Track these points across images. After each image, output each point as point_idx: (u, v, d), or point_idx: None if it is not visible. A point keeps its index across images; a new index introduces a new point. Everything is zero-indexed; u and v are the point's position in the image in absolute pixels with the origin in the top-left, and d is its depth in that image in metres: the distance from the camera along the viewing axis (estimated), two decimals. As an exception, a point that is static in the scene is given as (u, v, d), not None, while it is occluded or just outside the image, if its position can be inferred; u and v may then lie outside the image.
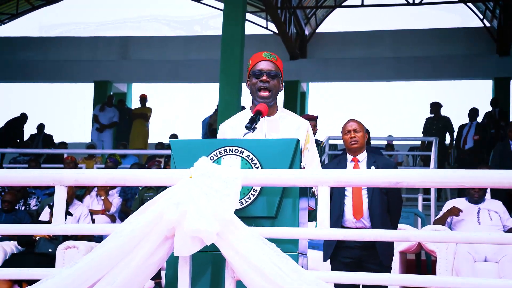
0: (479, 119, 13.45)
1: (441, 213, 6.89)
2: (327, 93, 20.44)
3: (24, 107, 22.78)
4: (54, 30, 21.24)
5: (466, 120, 13.28)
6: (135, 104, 15.76)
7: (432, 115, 13.47)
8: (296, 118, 3.79)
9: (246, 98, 12.76)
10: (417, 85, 19.36)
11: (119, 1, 22.30)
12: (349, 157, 5.01)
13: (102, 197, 8.85)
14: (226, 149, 3.25)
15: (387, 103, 21.71)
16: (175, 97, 21.99)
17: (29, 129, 15.70)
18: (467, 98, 19.85)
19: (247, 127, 3.51)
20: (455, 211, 6.68)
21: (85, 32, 20.27)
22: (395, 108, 21.99)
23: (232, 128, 3.72)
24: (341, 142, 13.08)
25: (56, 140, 15.20)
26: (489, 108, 14.10)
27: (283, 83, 3.83)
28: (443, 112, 13.59)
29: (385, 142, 13.93)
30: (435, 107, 13.44)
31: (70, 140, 15.16)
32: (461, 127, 13.00)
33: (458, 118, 13.87)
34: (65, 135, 20.83)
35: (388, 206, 4.88)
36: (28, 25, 21.19)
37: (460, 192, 10.49)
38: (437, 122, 13.28)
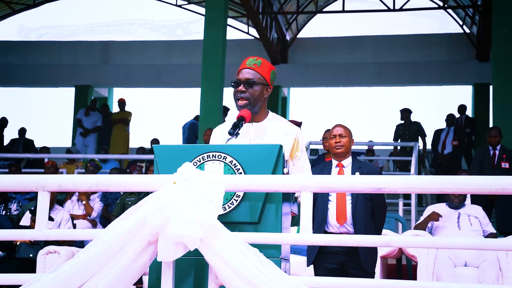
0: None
1: (421, 218, 6.94)
2: (308, 98, 20.54)
3: (4, 111, 22.61)
4: (35, 34, 21.16)
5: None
6: (116, 108, 15.72)
7: (403, 121, 13.57)
8: (284, 125, 3.75)
9: (228, 103, 12.79)
10: (397, 91, 19.51)
11: (100, 6, 22.22)
12: (334, 162, 5.03)
13: (83, 202, 8.82)
14: (209, 155, 3.26)
15: (368, 108, 21.84)
16: (157, 102, 21.96)
17: (9, 134, 15.60)
18: (447, 103, 20.04)
19: (229, 133, 3.52)
20: (435, 217, 6.74)
21: (66, 36, 20.25)
22: (376, 113, 22.12)
23: (223, 133, 3.71)
24: (322, 147, 13.16)
25: (37, 144, 15.10)
26: (469, 114, 14.24)
27: (268, 88, 3.75)
28: (420, 117, 13.73)
29: (366, 147, 14.01)
30: (406, 113, 13.55)
31: (50, 144, 15.07)
32: (438, 132, 13.08)
33: (439, 123, 13.97)
34: (45, 139, 20.73)
35: (372, 212, 4.90)
36: (9, 29, 21.08)
37: (439, 197, 10.57)
38: (409, 128, 13.39)
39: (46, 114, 22.33)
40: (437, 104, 19.46)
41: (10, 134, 15.64)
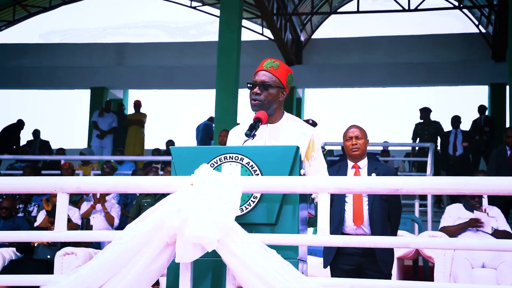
0: (467, 126, 13.56)
1: (445, 220, 6.80)
2: (322, 99, 20.51)
3: (21, 113, 22.77)
4: (51, 36, 21.30)
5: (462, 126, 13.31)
6: (131, 110, 15.79)
7: (422, 121, 13.52)
8: (300, 125, 3.74)
9: (243, 104, 12.80)
10: (412, 91, 19.45)
11: (115, 8, 22.33)
12: (350, 163, 5.01)
13: (105, 211, 8.78)
14: (226, 156, 3.26)
15: (383, 108, 21.78)
16: (171, 103, 22.03)
17: (25, 136, 15.71)
18: (463, 104, 19.94)
19: (246, 134, 3.53)
20: (474, 223, 6.57)
21: (81, 39, 20.34)
22: (391, 113, 22.05)
23: (238, 134, 3.72)
24: (337, 148, 13.15)
25: (53, 146, 15.19)
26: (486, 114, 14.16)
27: (284, 91, 3.73)
28: (435, 117, 13.65)
29: (381, 148, 13.96)
30: (425, 112, 13.49)
31: (66, 146, 15.14)
32: (446, 134, 13.01)
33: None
34: (62, 141, 20.86)
35: (388, 213, 4.89)
36: (25, 32, 21.24)
37: (453, 198, 10.51)
38: (428, 128, 13.34)
39: (61, 116, 22.45)
40: (453, 105, 19.35)
41: (25, 136, 15.77)
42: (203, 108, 19.53)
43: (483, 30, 17.05)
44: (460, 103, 20.55)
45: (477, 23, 17.04)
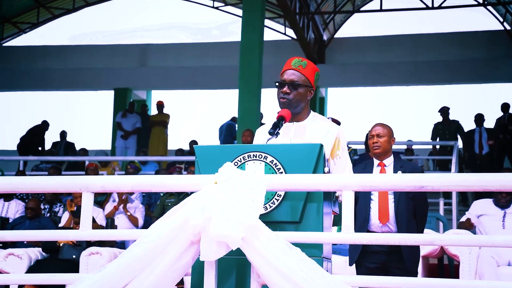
0: (491, 124, 13.43)
1: (464, 217, 6.83)
2: (346, 98, 20.40)
3: (45, 114, 22.90)
4: (75, 38, 21.42)
5: (485, 124, 13.19)
6: (154, 111, 15.86)
7: (441, 120, 13.44)
8: (326, 124, 3.75)
9: (266, 104, 12.81)
10: (435, 89, 19.28)
11: (137, 9, 22.43)
12: (376, 161, 5.00)
13: (128, 214, 8.81)
14: (250, 155, 3.27)
15: (406, 107, 21.61)
16: (194, 104, 22.06)
17: (50, 137, 15.83)
18: (487, 102, 19.72)
19: (270, 133, 3.54)
20: (468, 224, 6.63)
21: (104, 40, 20.40)
22: (414, 112, 21.88)
23: (264, 133, 3.73)
24: (360, 147, 13.10)
25: (78, 147, 15.29)
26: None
27: (312, 89, 3.78)
28: (458, 116, 13.57)
29: (405, 147, 13.89)
30: (444, 112, 13.41)
31: (90, 147, 15.24)
32: (470, 133, 12.90)
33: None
34: (86, 142, 20.98)
35: (414, 211, 4.86)
36: (49, 34, 21.36)
37: (477, 196, 10.41)
38: (449, 127, 13.25)
39: (86, 117, 22.59)
40: (476, 103, 19.15)
41: (51, 137, 15.88)
42: (226, 109, 19.49)
43: (508, 27, 16.88)
44: (484, 101, 20.31)
45: (501, 20, 16.87)
